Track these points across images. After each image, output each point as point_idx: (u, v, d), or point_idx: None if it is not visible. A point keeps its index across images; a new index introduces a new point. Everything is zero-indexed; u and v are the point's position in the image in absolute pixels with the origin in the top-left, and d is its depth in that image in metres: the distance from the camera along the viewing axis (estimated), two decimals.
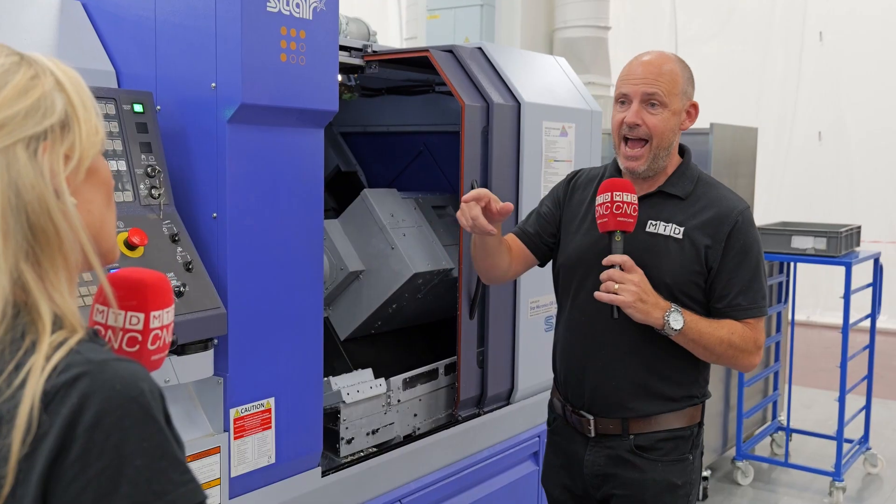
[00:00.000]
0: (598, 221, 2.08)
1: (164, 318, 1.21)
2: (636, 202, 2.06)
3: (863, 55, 9.31)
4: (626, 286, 2.01)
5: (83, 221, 0.97)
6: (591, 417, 2.23)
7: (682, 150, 2.29)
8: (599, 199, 2.09)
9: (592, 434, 2.24)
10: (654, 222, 2.17)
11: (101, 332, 1.16)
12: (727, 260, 2.12)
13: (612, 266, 2.05)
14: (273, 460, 2.13)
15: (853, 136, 9.44)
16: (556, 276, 2.39)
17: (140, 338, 1.18)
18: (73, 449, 0.85)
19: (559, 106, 3.16)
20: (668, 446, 2.19)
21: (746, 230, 2.14)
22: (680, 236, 2.14)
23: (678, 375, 2.19)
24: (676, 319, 2.04)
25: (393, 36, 9.92)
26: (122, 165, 1.88)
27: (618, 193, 2.05)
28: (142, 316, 1.18)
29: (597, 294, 2.05)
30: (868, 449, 5.09)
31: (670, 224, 2.16)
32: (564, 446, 2.34)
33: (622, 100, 2.19)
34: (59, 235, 0.94)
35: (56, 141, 0.96)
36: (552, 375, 3.23)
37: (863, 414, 5.10)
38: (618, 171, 2.29)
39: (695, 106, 2.21)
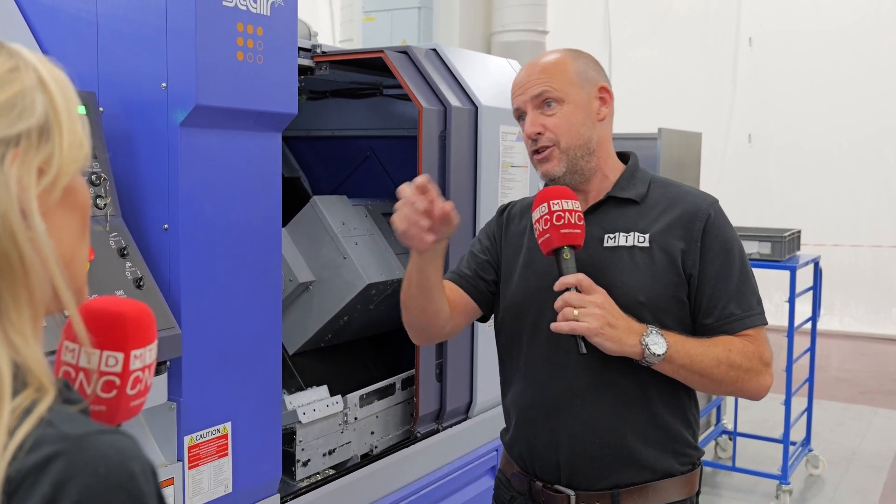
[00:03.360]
0: (540, 240, 1.70)
1: (146, 356, 1.01)
2: (580, 209, 1.69)
3: (791, 61, 9.53)
4: (587, 310, 1.61)
5: (55, 251, 0.79)
6: (570, 493, 1.76)
7: (626, 157, 1.91)
8: (535, 214, 1.71)
9: None
10: (611, 235, 1.77)
11: (70, 376, 0.97)
12: (708, 262, 1.73)
13: (566, 290, 1.64)
14: (230, 489, 1.97)
15: (783, 141, 9.66)
16: (501, 326, 1.95)
17: (118, 382, 0.98)
18: None
19: None
20: None
21: (722, 224, 1.77)
22: (646, 244, 1.74)
23: (673, 419, 1.78)
24: (657, 342, 1.63)
25: (324, 38, 9.73)
26: None
27: (555, 202, 1.67)
28: (121, 356, 0.98)
29: (553, 325, 1.64)
30: (810, 451, 5.15)
31: (632, 233, 1.76)
32: None
33: (521, 116, 1.84)
34: (25, 265, 0.76)
35: (31, 149, 0.78)
36: None
37: (804, 416, 5.16)
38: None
39: (604, 89, 1.82)
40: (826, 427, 5.99)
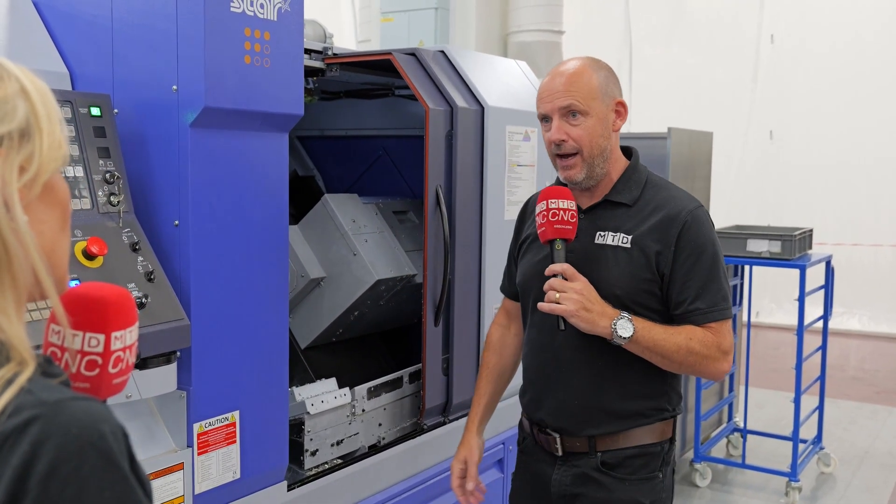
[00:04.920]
0: (538, 231, 2.02)
1: (126, 338, 1.10)
2: (574, 209, 1.99)
3: (813, 58, 9.50)
4: (567, 294, 1.92)
5: (36, 241, 0.88)
6: (556, 436, 2.12)
7: (630, 153, 2.16)
8: (537, 209, 2.03)
9: (560, 453, 2.13)
10: (602, 233, 2.06)
11: (56, 356, 1.06)
12: (679, 264, 1.99)
13: (554, 276, 1.95)
14: (238, 475, 2.06)
15: (804, 138, 9.62)
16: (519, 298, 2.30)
17: (100, 361, 1.07)
18: (26, 503, 0.76)
19: (522, 110, 3.13)
20: (636, 463, 2.07)
21: (697, 230, 2.01)
22: (628, 245, 2.02)
23: (645, 389, 2.07)
24: (625, 327, 1.92)
25: (347, 38, 9.83)
26: (80, 171, 1.80)
27: (553, 201, 1.99)
28: (102, 337, 1.07)
29: (539, 304, 1.96)
30: (822, 449, 5.16)
31: (618, 233, 2.04)
32: (532, 466, 2.23)
33: (544, 119, 2.09)
34: (8, 252, 0.85)
35: (12, 149, 0.88)
36: (516, 383, 3.22)
37: (816, 414, 5.18)
38: (560, 185, 2.16)
39: (621, 104, 2.09)
40: (840, 426, 6.00)
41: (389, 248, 3.09)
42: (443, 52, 3.01)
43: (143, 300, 1.76)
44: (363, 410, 2.72)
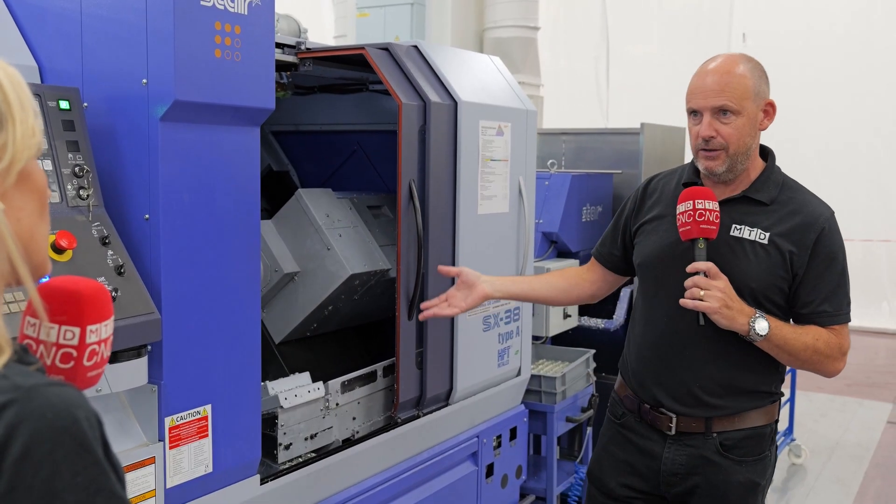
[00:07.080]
0: (681, 229, 2.12)
1: (101, 331, 1.10)
2: (717, 209, 2.09)
3: (785, 57, 9.58)
4: (711, 293, 2.03)
5: (11, 230, 0.89)
6: (672, 415, 2.23)
7: (766, 153, 2.28)
8: (681, 208, 2.12)
9: (673, 432, 2.24)
10: (738, 226, 2.17)
11: (31, 348, 1.06)
12: (813, 267, 2.13)
13: (696, 273, 2.06)
14: (210, 469, 2.06)
15: (776, 136, 9.68)
16: (637, 272, 2.42)
17: (75, 354, 1.08)
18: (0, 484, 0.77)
19: (495, 105, 3.15)
20: (750, 444, 2.21)
21: (832, 237, 2.15)
22: (765, 242, 2.14)
23: (759, 371, 2.19)
24: (762, 326, 2.06)
25: (328, 33, 9.79)
26: (49, 165, 1.79)
27: (700, 201, 2.09)
28: (77, 330, 1.08)
29: (682, 301, 2.07)
30: (793, 440, 5.23)
31: (755, 229, 2.16)
32: (637, 442, 2.32)
33: (694, 113, 2.19)
34: None
35: None
36: (489, 375, 3.24)
37: (787, 406, 5.24)
38: (696, 173, 2.27)
39: (771, 104, 2.19)
40: (811, 418, 6.08)
41: (363, 243, 3.10)
42: (416, 47, 3.01)
43: (114, 294, 1.76)
44: (337, 404, 2.72)
